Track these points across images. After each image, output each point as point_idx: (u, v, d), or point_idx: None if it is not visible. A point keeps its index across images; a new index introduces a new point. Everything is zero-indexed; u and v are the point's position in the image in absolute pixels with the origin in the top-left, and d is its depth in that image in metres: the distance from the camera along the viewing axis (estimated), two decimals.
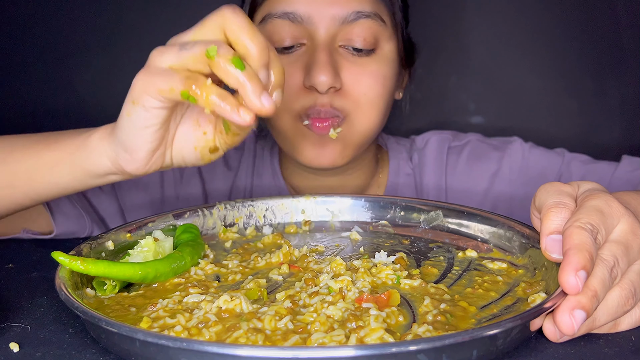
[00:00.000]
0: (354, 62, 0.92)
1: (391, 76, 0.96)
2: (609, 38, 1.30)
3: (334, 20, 0.90)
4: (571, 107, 1.34)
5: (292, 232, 0.82)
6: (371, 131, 0.97)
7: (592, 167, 1.04)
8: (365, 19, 0.91)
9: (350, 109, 0.93)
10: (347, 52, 0.92)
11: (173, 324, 0.55)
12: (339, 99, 0.92)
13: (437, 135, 1.12)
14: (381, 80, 0.94)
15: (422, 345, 0.46)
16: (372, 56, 0.93)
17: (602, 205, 0.56)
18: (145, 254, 0.66)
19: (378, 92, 0.94)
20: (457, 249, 0.74)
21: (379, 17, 0.92)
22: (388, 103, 0.97)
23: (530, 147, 1.09)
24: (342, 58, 0.92)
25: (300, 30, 0.91)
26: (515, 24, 1.34)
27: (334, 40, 0.91)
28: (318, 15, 0.90)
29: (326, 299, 0.59)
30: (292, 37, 0.92)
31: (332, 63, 0.90)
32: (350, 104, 0.93)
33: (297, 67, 0.92)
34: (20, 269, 0.76)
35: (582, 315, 0.51)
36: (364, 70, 0.93)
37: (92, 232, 0.98)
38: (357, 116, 0.94)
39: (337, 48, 0.92)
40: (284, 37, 0.92)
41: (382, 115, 0.97)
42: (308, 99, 0.92)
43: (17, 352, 0.55)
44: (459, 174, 1.09)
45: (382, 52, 0.94)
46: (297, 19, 0.91)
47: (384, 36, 0.94)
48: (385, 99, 0.96)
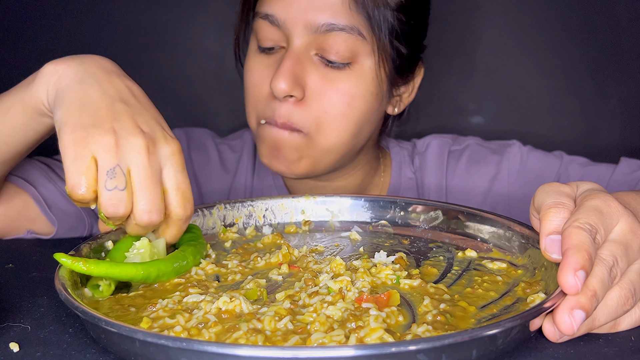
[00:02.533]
0: (324, 74, 0.91)
1: (363, 94, 0.92)
2: (609, 38, 1.30)
3: (307, 29, 0.89)
4: (571, 107, 1.34)
5: (291, 232, 0.83)
6: (334, 149, 0.94)
7: (590, 169, 1.05)
8: (340, 32, 0.89)
9: (309, 126, 0.91)
10: (320, 61, 0.91)
11: (173, 324, 0.55)
12: (298, 112, 0.91)
13: (438, 139, 1.13)
14: (347, 99, 0.91)
15: (421, 345, 0.46)
16: (345, 71, 0.90)
17: (601, 205, 0.56)
18: (142, 255, 0.66)
19: (341, 110, 0.91)
20: (457, 249, 0.74)
21: (356, 31, 0.89)
22: (357, 121, 0.93)
23: (528, 150, 1.09)
24: (314, 67, 0.90)
25: (279, 34, 0.91)
26: (515, 24, 1.34)
27: (309, 47, 0.90)
28: (292, 21, 0.90)
29: (326, 299, 0.59)
30: (271, 39, 0.92)
31: (294, 71, 0.89)
32: (309, 120, 0.91)
33: (271, 70, 0.92)
34: (20, 269, 0.76)
35: (581, 315, 0.51)
36: (332, 85, 0.90)
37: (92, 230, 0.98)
38: (316, 133, 0.92)
39: (311, 56, 0.91)
40: (264, 38, 0.93)
41: (347, 134, 0.93)
42: (269, 108, 0.92)
43: (17, 352, 0.55)
44: (459, 178, 1.09)
45: (360, 67, 0.91)
46: (275, 22, 0.91)
47: (363, 51, 0.91)
48: (352, 118, 0.92)
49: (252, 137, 1.16)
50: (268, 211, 0.84)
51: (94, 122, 0.64)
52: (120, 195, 0.62)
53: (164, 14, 1.37)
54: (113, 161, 0.62)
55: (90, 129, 0.63)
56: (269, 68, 0.93)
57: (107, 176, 0.62)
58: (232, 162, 1.13)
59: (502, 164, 1.08)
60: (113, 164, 0.62)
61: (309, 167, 0.95)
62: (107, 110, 0.65)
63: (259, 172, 1.12)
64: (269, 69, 0.93)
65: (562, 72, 1.33)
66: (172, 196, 0.66)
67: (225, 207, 0.82)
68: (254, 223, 0.84)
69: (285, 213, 0.85)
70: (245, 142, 1.14)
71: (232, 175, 1.12)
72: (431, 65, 1.06)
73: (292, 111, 0.91)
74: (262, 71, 0.94)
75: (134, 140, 0.63)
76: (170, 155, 0.66)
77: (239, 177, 1.12)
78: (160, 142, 0.65)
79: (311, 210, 0.85)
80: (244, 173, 1.12)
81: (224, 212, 0.82)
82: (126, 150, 0.63)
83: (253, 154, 1.13)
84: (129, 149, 0.63)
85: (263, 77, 0.93)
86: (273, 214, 0.84)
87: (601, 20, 1.30)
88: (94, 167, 0.62)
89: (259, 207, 0.84)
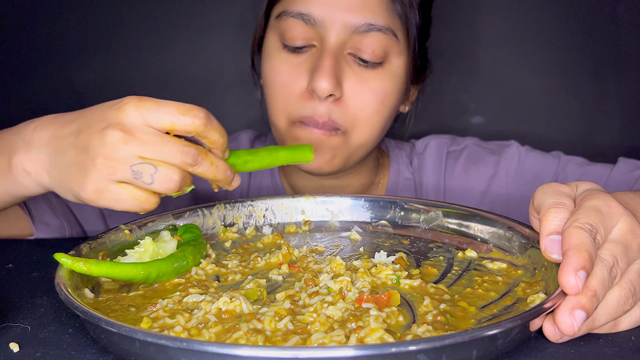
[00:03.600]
0: (358, 73, 0.92)
1: (394, 93, 0.95)
2: (609, 38, 1.30)
3: (346, 28, 0.90)
4: (571, 107, 1.34)
5: (291, 232, 0.82)
6: (364, 145, 0.97)
7: (588, 169, 1.05)
8: (377, 32, 0.90)
9: (347, 124, 0.93)
10: (354, 61, 0.92)
11: (173, 324, 0.55)
12: (337, 110, 0.92)
13: (436, 140, 1.13)
14: (381, 97, 0.93)
15: (421, 345, 0.46)
16: (378, 70, 0.92)
17: (600, 205, 0.56)
18: (141, 255, 0.66)
19: (376, 108, 0.93)
20: (457, 249, 0.74)
21: (391, 32, 0.91)
22: (386, 119, 0.97)
23: (526, 150, 1.09)
24: (348, 66, 0.91)
25: (312, 32, 0.91)
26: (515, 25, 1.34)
27: (344, 47, 0.91)
28: (331, 20, 0.90)
29: (326, 299, 0.59)
30: (304, 37, 0.92)
31: (335, 70, 0.89)
32: (347, 118, 0.92)
33: (303, 69, 0.92)
34: (20, 269, 0.76)
35: (582, 315, 0.51)
36: (366, 84, 0.92)
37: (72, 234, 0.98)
38: (353, 131, 0.94)
39: (345, 55, 0.91)
40: (296, 36, 0.92)
41: (377, 131, 0.96)
42: (307, 108, 0.92)
43: (17, 352, 0.55)
44: (457, 178, 1.10)
45: (390, 66, 0.93)
46: (310, 21, 0.90)
47: (394, 51, 0.93)
48: (384, 116, 0.95)
49: (251, 137, 1.16)
50: (268, 211, 0.84)
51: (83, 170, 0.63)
52: (161, 174, 0.62)
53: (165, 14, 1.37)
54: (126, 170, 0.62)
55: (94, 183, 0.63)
56: (299, 67, 0.92)
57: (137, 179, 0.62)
58: None
59: (500, 164, 1.09)
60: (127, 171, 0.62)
61: (342, 164, 0.97)
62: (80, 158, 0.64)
63: (255, 172, 1.12)
64: (299, 68, 0.92)
65: (562, 72, 1.33)
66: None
67: (225, 207, 0.82)
68: (254, 223, 0.83)
69: (285, 213, 0.84)
70: (240, 144, 1.15)
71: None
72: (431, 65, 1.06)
73: (332, 110, 0.92)
74: (292, 70, 0.93)
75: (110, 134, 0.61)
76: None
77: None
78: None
79: (311, 210, 0.85)
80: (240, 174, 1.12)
81: (224, 212, 0.82)
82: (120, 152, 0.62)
83: None
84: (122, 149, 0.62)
85: (294, 76, 0.93)
86: (273, 214, 0.84)
87: (601, 20, 1.30)
88: (125, 191, 0.63)
89: (259, 207, 0.84)
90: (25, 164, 0.68)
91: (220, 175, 0.67)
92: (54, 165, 0.66)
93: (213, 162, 0.66)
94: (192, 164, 0.63)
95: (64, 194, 0.67)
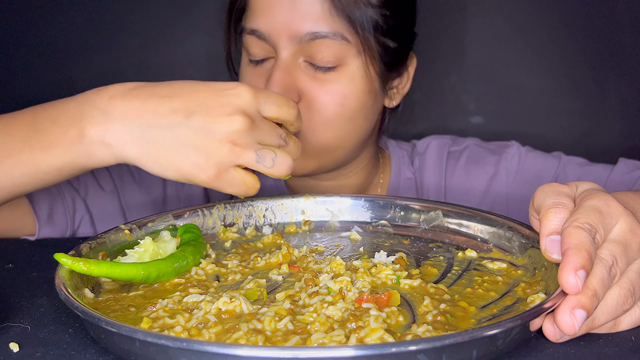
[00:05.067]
0: (314, 77, 0.92)
1: (356, 93, 0.93)
2: (609, 38, 1.30)
3: (292, 39, 0.90)
4: (571, 107, 1.34)
5: (291, 232, 0.83)
6: (334, 146, 0.96)
7: (588, 169, 1.05)
8: (323, 39, 0.90)
9: (305, 124, 0.91)
10: (309, 67, 0.92)
11: (173, 324, 0.55)
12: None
13: (437, 140, 1.13)
14: (339, 99, 0.92)
15: (422, 345, 0.46)
16: (333, 72, 0.92)
17: (600, 205, 0.56)
18: (141, 255, 0.66)
19: (334, 110, 0.92)
20: (457, 249, 0.74)
21: (339, 36, 0.90)
22: (353, 119, 0.95)
23: (526, 150, 1.09)
24: (303, 73, 0.92)
25: (267, 46, 0.92)
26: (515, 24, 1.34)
27: (296, 56, 0.91)
28: (276, 34, 0.91)
29: (326, 299, 0.59)
30: (261, 51, 0.93)
31: (284, 81, 0.90)
32: (305, 119, 0.91)
33: (262, 79, 0.94)
34: (20, 269, 0.76)
35: (582, 315, 0.51)
36: (323, 87, 0.92)
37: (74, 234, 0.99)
38: (313, 132, 0.93)
39: (299, 63, 0.92)
40: (254, 52, 0.94)
41: (344, 132, 0.95)
42: None
43: (17, 352, 0.55)
44: (458, 178, 1.10)
45: (348, 68, 0.92)
46: (261, 37, 0.92)
47: (349, 53, 0.92)
48: (347, 117, 0.94)
49: None
50: (268, 211, 0.84)
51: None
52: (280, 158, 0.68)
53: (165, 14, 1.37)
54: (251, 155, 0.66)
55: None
56: (260, 77, 0.94)
57: (259, 163, 0.67)
58: None
59: (501, 164, 1.09)
60: (252, 155, 0.66)
61: (316, 164, 0.97)
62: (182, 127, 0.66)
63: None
64: (260, 78, 0.94)
65: (562, 72, 1.33)
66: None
67: (225, 207, 0.82)
68: (254, 223, 0.83)
69: (285, 213, 0.84)
70: None
71: None
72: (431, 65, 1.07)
73: None
74: (255, 82, 0.95)
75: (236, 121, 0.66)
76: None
77: None
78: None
79: (311, 210, 0.85)
80: None
81: (224, 212, 0.82)
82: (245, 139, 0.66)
83: None
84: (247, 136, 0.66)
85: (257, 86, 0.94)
86: (273, 213, 0.84)
87: (601, 20, 1.30)
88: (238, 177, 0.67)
89: (259, 207, 0.84)
90: (106, 135, 0.66)
91: (299, 152, 0.73)
92: (149, 141, 0.65)
93: (296, 142, 0.72)
94: (285, 146, 0.70)
95: (157, 170, 0.67)
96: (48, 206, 0.95)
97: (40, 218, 0.94)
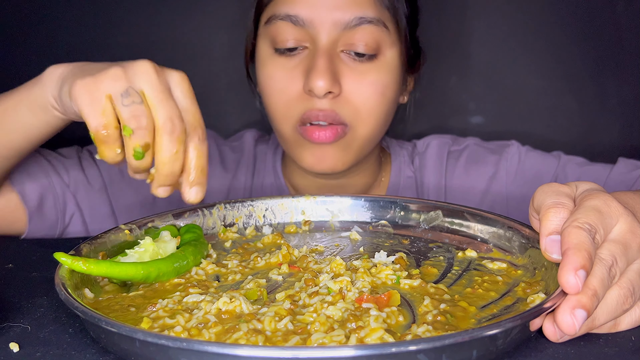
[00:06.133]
0: (354, 68, 0.92)
1: (392, 84, 0.95)
2: (609, 38, 1.30)
3: (336, 26, 0.90)
4: (571, 107, 1.34)
5: (292, 232, 0.83)
6: (371, 138, 0.97)
7: (588, 169, 1.05)
8: (368, 25, 0.90)
9: (351, 118, 0.93)
10: (348, 57, 0.92)
11: (173, 324, 0.55)
12: (338, 106, 0.92)
13: (438, 140, 1.14)
14: (381, 89, 0.93)
15: (422, 345, 0.46)
16: (373, 62, 0.93)
17: (600, 204, 0.56)
18: (141, 255, 0.66)
19: (377, 101, 0.94)
20: (457, 249, 0.74)
21: (381, 23, 0.91)
22: (388, 110, 0.97)
23: (526, 150, 1.10)
24: (343, 64, 0.92)
25: (303, 34, 0.91)
26: (515, 24, 1.34)
27: (336, 45, 0.91)
28: (319, 19, 0.90)
29: (326, 299, 0.59)
30: (295, 39, 0.91)
31: (331, 68, 0.90)
32: (350, 112, 0.93)
33: (298, 71, 0.92)
34: (20, 269, 0.76)
35: (583, 315, 0.51)
36: (364, 78, 0.92)
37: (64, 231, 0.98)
38: (357, 124, 0.94)
39: (338, 53, 0.92)
40: (286, 39, 0.92)
41: (382, 123, 0.97)
42: (307, 103, 0.92)
43: (17, 352, 0.55)
44: (458, 178, 1.10)
45: (384, 58, 0.94)
46: (299, 22, 0.90)
47: (386, 42, 0.93)
48: (385, 107, 0.95)
49: (255, 136, 1.16)
50: (268, 211, 0.84)
51: (99, 69, 0.65)
52: (138, 106, 0.62)
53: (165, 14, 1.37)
54: (124, 85, 0.62)
55: (98, 74, 0.64)
56: (293, 70, 0.92)
57: (122, 97, 0.62)
58: (232, 162, 1.13)
59: (501, 164, 1.09)
60: (124, 87, 0.62)
61: (352, 160, 0.97)
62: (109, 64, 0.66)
63: (258, 172, 1.12)
64: (294, 71, 0.92)
65: (562, 72, 1.33)
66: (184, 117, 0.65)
67: (225, 207, 0.82)
68: (254, 223, 0.83)
69: (286, 213, 0.84)
70: (244, 143, 1.15)
71: (232, 175, 1.12)
72: (431, 65, 1.07)
73: (334, 107, 0.92)
74: (287, 74, 0.93)
75: (141, 64, 0.64)
76: (179, 82, 0.65)
77: (238, 177, 1.12)
78: (166, 69, 0.66)
79: (311, 210, 0.85)
80: (243, 173, 1.12)
81: (224, 212, 0.82)
82: (135, 75, 0.63)
83: (253, 154, 1.14)
84: (138, 72, 0.63)
85: (289, 80, 0.93)
86: (273, 213, 0.84)
87: (601, 20, 1.30)
88: (110, 105, 0.63)
89: (259, 207, 0.84)
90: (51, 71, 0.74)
91: (204, 161, 0.67)
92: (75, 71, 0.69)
93: (200, 145, 0.66)
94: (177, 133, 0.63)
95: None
96: (38, 196, 0.93)
97: (30, 207, 0.92)
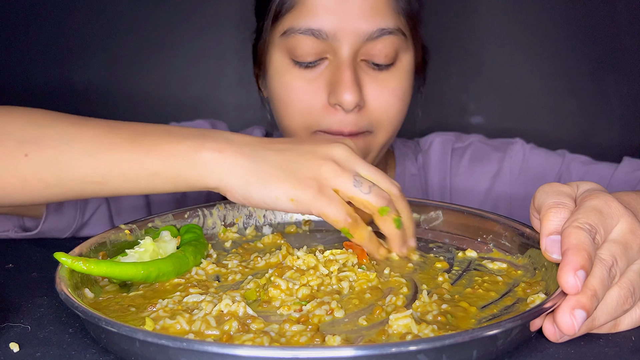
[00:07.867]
0: (374, 77, 0.92)
1: (409, 88, 0.96)
2: (609, 38, 1.30)
3: (358, 37, 0.89)
4: (571, 107, 1.34)
5: (292, 232, 0.82)
6: (388, 142, 0.98)
7: (592, 167, 1.05)
8: (389, 36, 0.90)
9: (372, 125, 0.93)
10: (367, 66, 0.92)
11: (173, 324, 0.55)
12: (362, 118, 0.92)
13: (441, 137, 1.13)
14: (401, 96, 0.94)
15: (422, 346, 0.46)
16: (391, 70, 0.93)
17: (601, 205, 0.56)
18: (141, 255, 0.66)
19: (398, 107, 0.94)
20: (457, 249, 0.74)
21: (400, 32, 0.91)
22: (405, 115, 0.98)
23: (531, 148, 1.10)
24: (364, 73, 0.92)
25: (324, 46, 0.90)
26: (515, 24, 1.34)
27: (357, 55, 0.91)
28: (343, 31, 0.89)
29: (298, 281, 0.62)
30: (315, 53, 0.90)
31: (357, 81, 0.89)
32: (373, 122, 0.93)
33: (320, 83, 0.91)
34: (20, 269, 0.76)
35: (582, 315, 0.51)
36: (385, 86, 0.92)
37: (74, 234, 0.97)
38: (378, 131, 0.94)
39: (359, 62, 0.91)
40: (307, 52, 0.90)
41: (398, 127, 0.98)
42: (332, 121, 0.91)
43: (17, 352, 0.55)
44: (462, 175, 1.10)
45: (401, 64, 0.94)
46: (321, 36, 0.89)
47: (402, 48, 0.93)
48: (404, 112, 0.96)
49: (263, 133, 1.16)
50: (268, 211, 0.84)
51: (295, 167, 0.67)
52: (376, 188, 0.67)
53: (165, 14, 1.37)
54: (349, 177, 0.66)
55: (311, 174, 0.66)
56: (315, 82, 0.92)
57: (356, 187, 0.66)
58: None
59: (505, 162, 1.09)
60: (350, 179, 0.66)
61: (373, 161, 0.98)
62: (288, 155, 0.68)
63: None
64: (316, 83, 0.92)
65: (562, 72, 1.33)
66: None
67: (225, 206, 0.82)
68: (254, 223, 0.83)
69: (286, 213, 0.84)
70: None
71: None
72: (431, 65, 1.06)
73: (357, 119, 0.92)
74: (309, 86, 0.92)
75: (341, 150, 0.68)
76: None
77: None
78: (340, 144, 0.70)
79: None
80: None
81: (224, 212, 0.82)
82: (345, 162, 0.67)
83: None
84: (348, 159, 0.68)
85: (311, 92, 0.92)
86: (273, 213, 0.84)
87: (601, 20, 1.30)
88: (338, 198, 0.66)
89: None
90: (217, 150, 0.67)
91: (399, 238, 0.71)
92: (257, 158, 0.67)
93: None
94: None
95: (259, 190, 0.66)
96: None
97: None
